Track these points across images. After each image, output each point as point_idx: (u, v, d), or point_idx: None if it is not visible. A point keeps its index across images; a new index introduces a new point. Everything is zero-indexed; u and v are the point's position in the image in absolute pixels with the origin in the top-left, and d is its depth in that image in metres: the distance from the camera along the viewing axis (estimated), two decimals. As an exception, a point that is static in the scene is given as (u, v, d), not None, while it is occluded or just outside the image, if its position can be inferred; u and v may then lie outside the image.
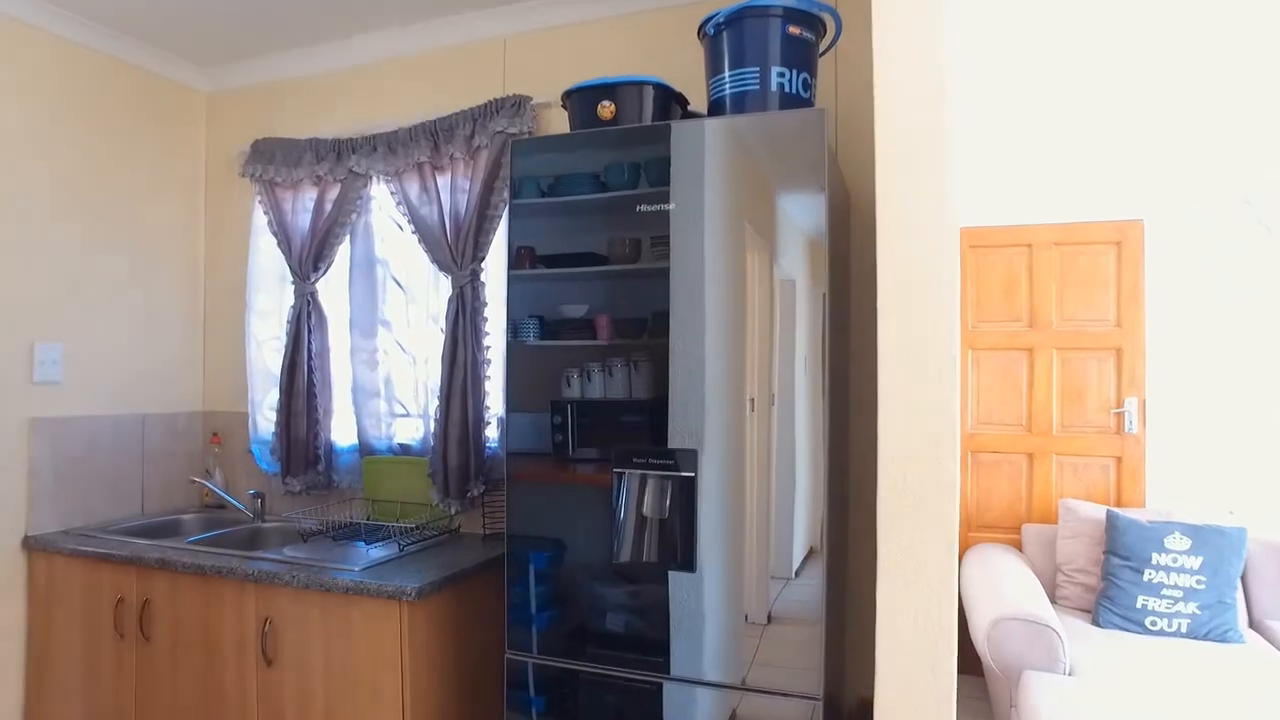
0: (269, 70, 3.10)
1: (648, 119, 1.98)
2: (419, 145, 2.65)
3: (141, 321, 3.03)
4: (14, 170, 2.65)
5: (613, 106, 1.89)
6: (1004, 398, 3.38)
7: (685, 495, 1.80)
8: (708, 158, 1.81)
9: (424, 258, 2.70)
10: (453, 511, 2.59)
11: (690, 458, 1.79)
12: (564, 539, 1.92)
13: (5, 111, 2.63)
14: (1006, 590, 2.60)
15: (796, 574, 1.77)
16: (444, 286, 2.66)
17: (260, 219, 3.00)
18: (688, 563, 1.79)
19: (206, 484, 2.90)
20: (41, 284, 2.71)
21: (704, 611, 1.78)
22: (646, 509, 1.79)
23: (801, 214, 1.79)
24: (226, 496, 2.93)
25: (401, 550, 2.34)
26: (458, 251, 2.58)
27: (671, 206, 1.82)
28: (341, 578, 2.07)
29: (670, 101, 2.03)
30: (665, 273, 1.81)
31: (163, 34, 2.89)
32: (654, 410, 1.81)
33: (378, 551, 2.31)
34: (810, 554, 1.79)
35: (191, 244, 3.23)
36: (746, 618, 1.79)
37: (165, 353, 3.12)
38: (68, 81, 2.80)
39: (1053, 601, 2.99)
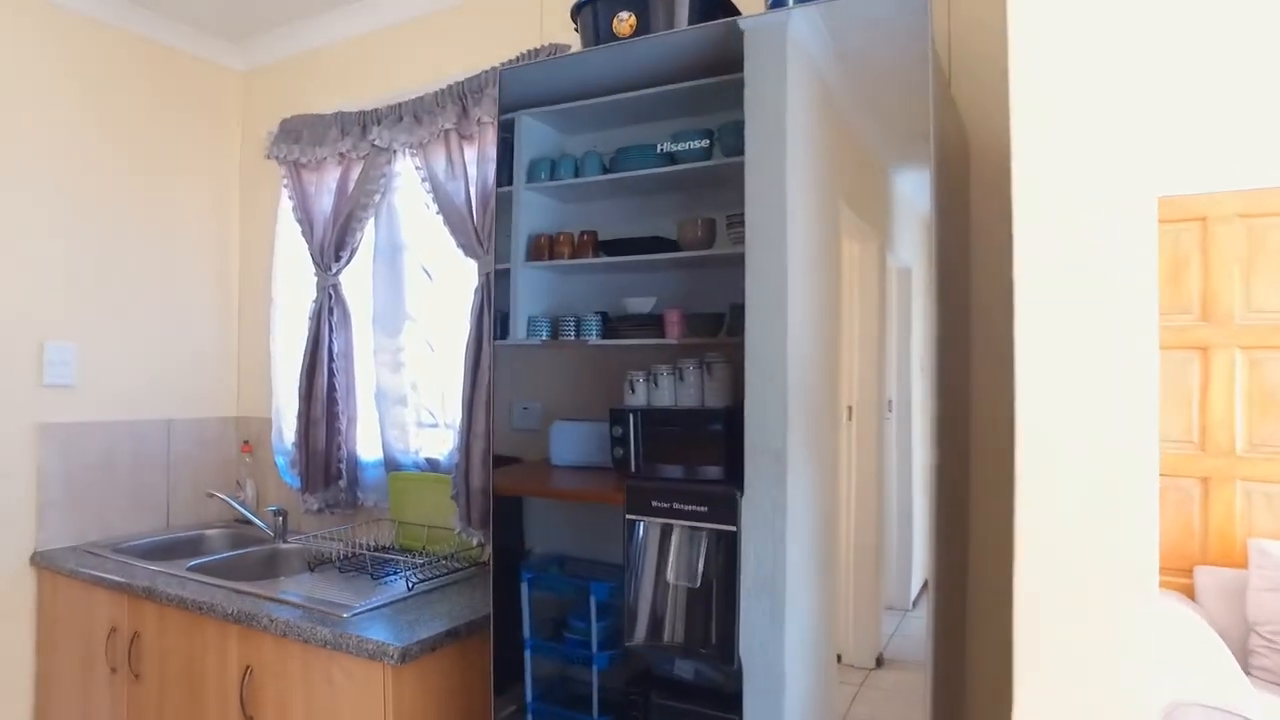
0: (298, 40, 2.82)
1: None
2: (445, 111, 2.27)
3: (168, 319, 2.80)
4: (30, 155, 2.44)
5: (632, 19, 1.44)
6: (1167, 408, 2.71)
7: (725, 555, 1.33)
8: (790, 91, 1.39)
9: (451, 242, 2.32)
10: (475, 542, 2.19)
11: (730, 501, 1.32)
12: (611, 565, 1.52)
13: (27, 94, 2.43)
14: (1185, 661, 1.99)
15: (914, 604, 1.46)
16: (473, 275, 2.27)
17: (285, 204, 2.71)
18: (725, 650, 1.31)
19: (224, 498, 2.63)
20: (55, 278, 2.50)
21: (784, 651, 1.35)
22: (673, 573, 1.32)
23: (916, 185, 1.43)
24: (247, 513, 2.65)
25: (410, 589, 1.96)
26: (484, 233, 2.19)
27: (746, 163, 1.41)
28: (321, 628, 1.70)
29: (715, 10, 1.57)
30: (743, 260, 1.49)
31: (190, 8, 2.65)
32: (730, 421, 1.51)
33: (379, 592, 1.94)
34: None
35: (223, 235, 2.99)
36: (840, 658, 1.43)
37: (193, 353, 2.88)
38: (94, 63, 2.59)
39: (1245, 672, 2.33)
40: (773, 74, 1.49)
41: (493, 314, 2.12)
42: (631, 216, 1.70)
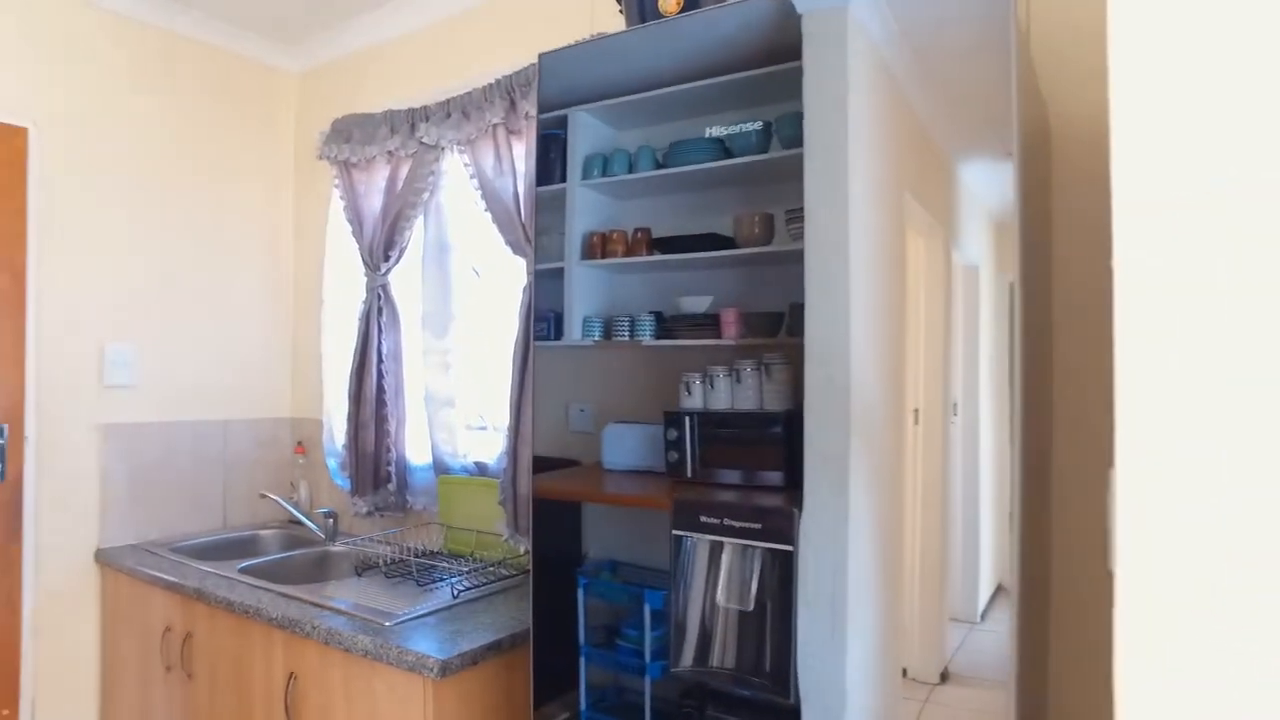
0: (350, 40, 2.82)
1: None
2: (493, 106, 2.22)
3: (224, 320, 2.82)
4: (94, 161, 2.48)
5: (680, -8, 1.36)
6: None
7: (781, 577, 1.23)
8: (852, 77, 1.31)
9: (499, 239, 2.27)
10: (522, 550, 2.13)
11: (787, 518, 1.23)
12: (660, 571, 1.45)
13: (92, 102, 2.47)
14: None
15: (983, 617, 1.42)
16: (522, 274, 2.22)
17: (337, 205, 2.70)
18: (779, 681, 1.21)
19: (276, 499, 2.63)
20: (115, 281, 2.54)
21: (845, 666, 1.26)
22: (723, 594, 1.23)
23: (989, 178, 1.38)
24: (298, 514, 2.64)
25: (455, 597, 1.91)
26: (532, 230, 2.13)
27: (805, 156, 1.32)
28: (363, 637, 1.66)
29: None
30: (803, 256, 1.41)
31: (248, 12, 2.67)
32: (790, 424, 1.44)
33: (423, 600, 1.90)
34: (999, 591, 1.43)
35: (277, 236, 3.00)
36: (905, 672, 1.36)
37: (248, 354, 2.90)
38: (156, 70, 2.64)
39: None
40: (833, 59, 1.40)
41: (534, 315, 2.07)
42: (686, 213, 1.65)
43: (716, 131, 1.54)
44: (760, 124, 1.48)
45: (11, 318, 2.33)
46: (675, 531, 1.30)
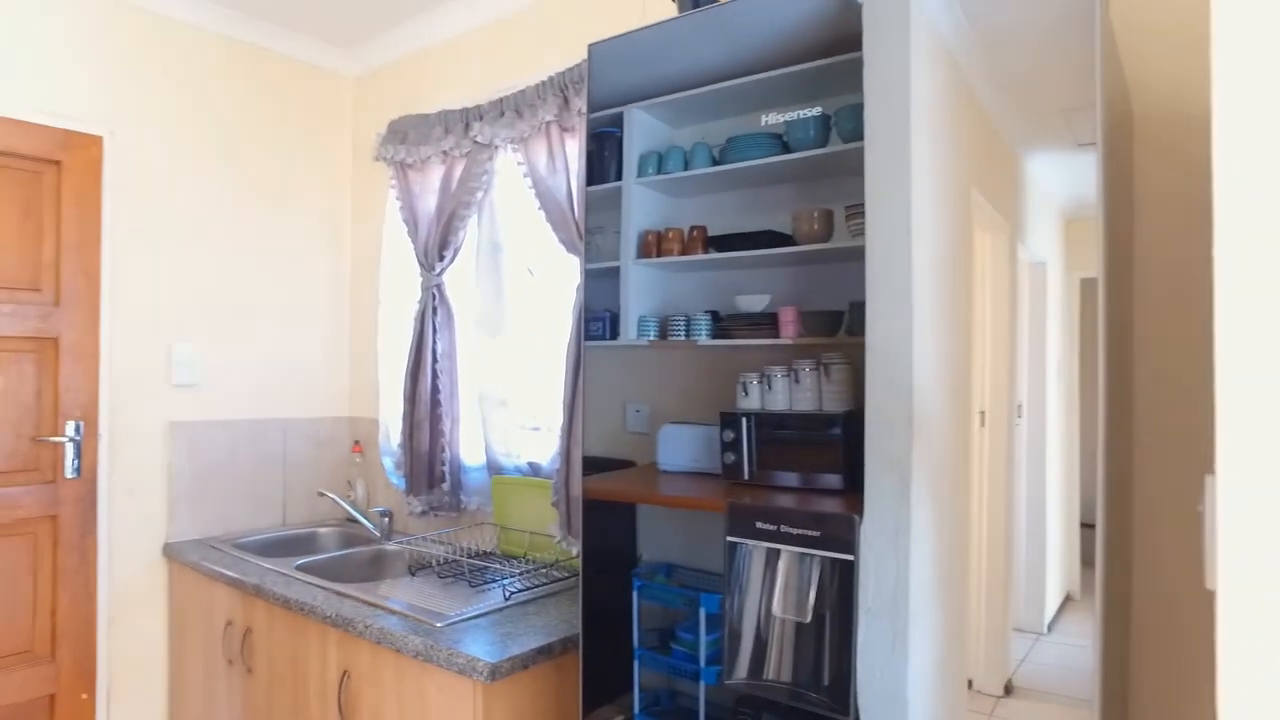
0: (406, 42, 2.84)
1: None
2: (546, 103, 2.21)
3: (283, 320, 2.88)
4: (158, 167, 2.56)
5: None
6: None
7: (840, 587, 1.17)
8: (914, 65, 1.26)
9: (553, 238, 2.25)
10: (574, 552, 2.11)
11: (847, 525, 1.17)
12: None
13: (154, 110, 2.54)
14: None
15: (1049, 628, 1.41)
16: (576, 273, 2.20)
17: (393, 206, 2.73)
18: (838, 697, 1.15)
19: (333, 497, 2.66)
20: (181, 283, 2.61)
21: (906, 678, 1.20)
22: (779, 605, 1.18)
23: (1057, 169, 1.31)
24: (355, 513, 2.67)
25: (507, 599, 1.89)
26: (585, 228, 2.11)
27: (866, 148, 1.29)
28: (414, 638, 1.65)
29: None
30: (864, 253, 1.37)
31: (306, 18, 2.72)
32: (850, 426, 1.40)
33: (475, 601, 1.88)
34: (1067, 601, 1.47)
35: (335, 238, 3.05)
36: (971, 684, 1.34)
37: (307, 354, 2.95)
38: (217, 77, 2.71)
39: None
40: (895, 47, 1.34)
41: (589, 314, 2.05)
42: (743, 210, 1.62)
43: (773, 120, 1.49)
44: (819, 112, 1.43)
45: (86, 319, 2.41)
46: (730, 538, 1.26)
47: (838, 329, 1.48)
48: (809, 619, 1.18)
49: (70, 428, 2.38)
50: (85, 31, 2.41)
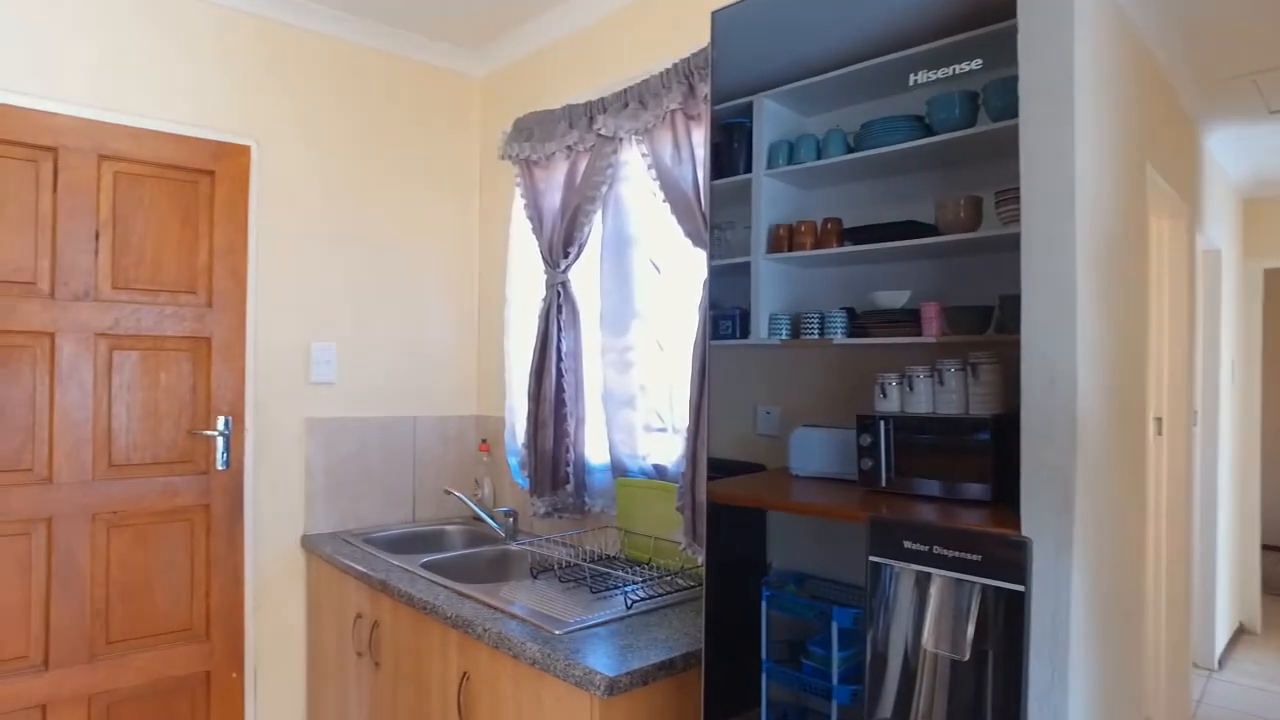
0: (531, 40, 2.84)
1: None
2: (670, 92, 2.13)
3: (414, 319, 2.94)
4: (298, 173, 2.67)
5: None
6: None
7: (1007, 621, 1.02)
8: (1079, 27, 1.13)
9: (679, 231, 2.17)
10: (699, 560, 2.01)
11: (1017, 549, 1.02)
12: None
13: (294, 117, 2.66)
14: None
15: (1220, 663, 1.15)
16: (703, 267, 2.11)
17: (518, 204, 2.73)
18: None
19: (459, 495, 2.68)
20: (318, 283, 2.71)
21: (1068, 714, 1.06)
22: (931, 638, 1.04)
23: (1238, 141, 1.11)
24: (480, 512, 2.68)
25: (629, 608, 1.82)
26: (710, 221, 2.01)
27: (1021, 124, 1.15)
28: (531, 645, 1.60)
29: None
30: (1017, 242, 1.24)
31: (434, 23, 2.77)
32: (1001, 431, 1.27)
33: (596, 608, 1.82)
34: (1240, 634, 1.17)
35: (464, 237, 3.09)
36: None
37: (436, 352, 3.01)
38: (352, 83, 2.80)
39: None
40: (1056, 6, 1.18)
41: (718, 312, 1.97)
42: (879, 201, 1.52)
43: (922, 79, 1.36)
44: (966, 98, 1.29)
45: (234, 319, 2.54)
46: (873, 558, 1.12)
47: (987, 326, 1.36)
48: (967, 656, 1.03)
49: (220, 422, 2.51)
50: (233, 48, 2.54)
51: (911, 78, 1.33)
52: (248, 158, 2.58)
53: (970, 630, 1.04)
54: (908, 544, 1.10)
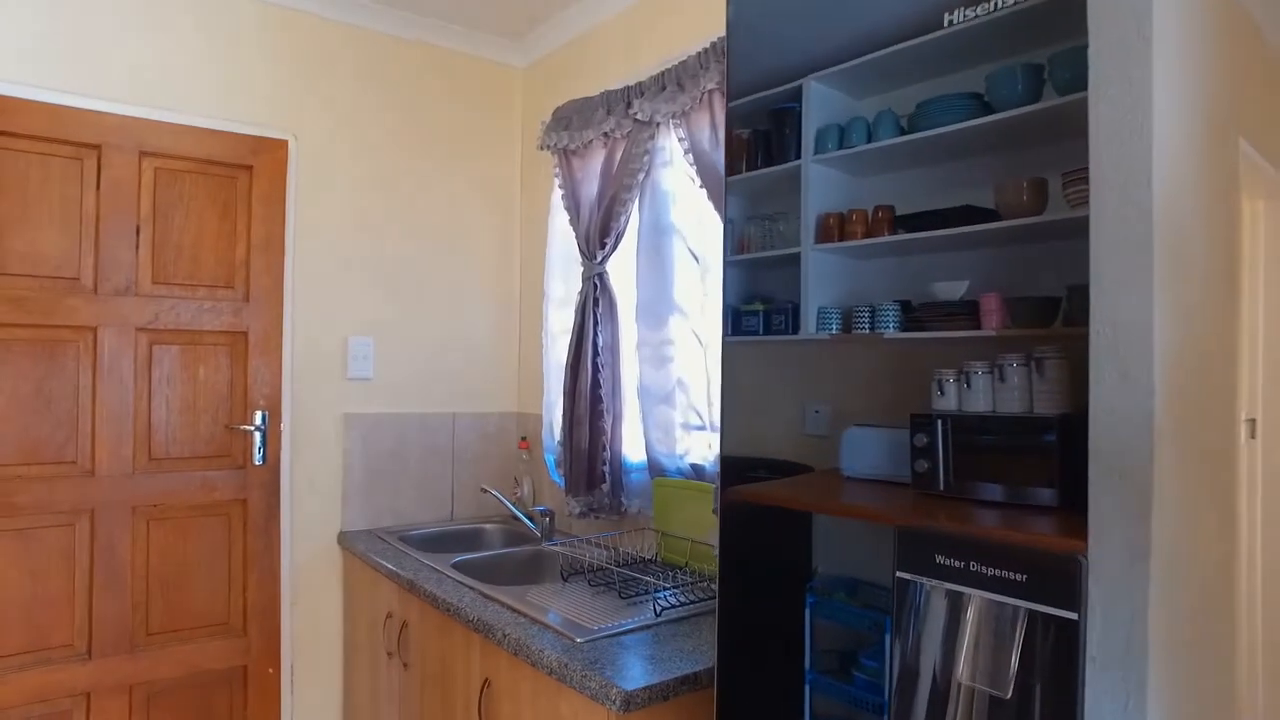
0: (569, 27, 2.78)
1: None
2: (708, 72, 2.03)
3: (453, 316, 2.91)
4: (336, 167, 2.65)
5: None
6: None
7: (1057, 652, 0.88)
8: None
9: (717, 219, 2.07)
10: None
11: (1069, 568, 0.89)
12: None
13: (333, 112, 2.65)
14: None
15: None
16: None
17: (557, 195, 2.65)
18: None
19: (495, 494, 2.63)
20: (356, 278, 2.69)
21: None
22: (966, 669, 0.90)
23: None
24: (516, 511, 2.62)
25: (657, 615, 1.73)
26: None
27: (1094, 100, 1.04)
28: (549, 653, 1.52)
29: None
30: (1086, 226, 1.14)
31: (476, 13, 2.73)
32: (1068, 432, 1.18)
33: (624, 615, 1.73)
34: None
35: (504, 231, 3.04)
36: None
37: (476, 348, 2.96)
38: (393, 76, 2.79)
39: None
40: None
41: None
42: (935, 187, 1.45)
43: (957, 20, 1.26)
44: (1029, 72, 1.18)
45: (271, 314, 2.53)
46: (900, 573, 1.00)
47: (1053, 318, 1.28)
48: (1009, 694, 0.90)
49: (257, 417, 2.50)
50: (271, 42, 2.54)
51: (946, 17, 1.21)
52: (285, 152, 2.57)
53: (1014, 663, 0.90)
54: (940, 559, 0.97)
